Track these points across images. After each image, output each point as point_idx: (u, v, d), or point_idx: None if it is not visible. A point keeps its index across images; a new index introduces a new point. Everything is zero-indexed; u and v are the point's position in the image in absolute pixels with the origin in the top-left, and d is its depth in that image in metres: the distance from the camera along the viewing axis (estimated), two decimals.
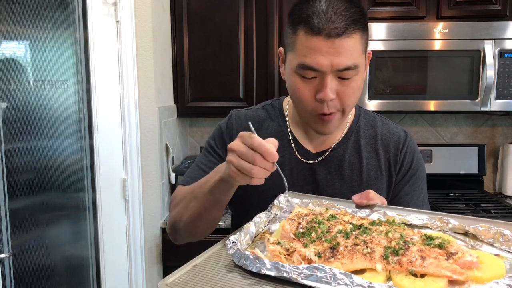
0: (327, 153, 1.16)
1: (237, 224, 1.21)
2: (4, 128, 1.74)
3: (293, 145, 1.17)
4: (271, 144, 0.86)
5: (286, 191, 1.00)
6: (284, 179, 0.98)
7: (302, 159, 1.16)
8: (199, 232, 1.13)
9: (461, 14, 2.39)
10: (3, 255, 1.69)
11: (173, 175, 2.48)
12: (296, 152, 1.16)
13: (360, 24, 0.98)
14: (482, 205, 2.42)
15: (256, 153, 0.85)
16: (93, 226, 2.24)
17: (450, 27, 2.30)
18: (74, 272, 2.26)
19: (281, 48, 1.11)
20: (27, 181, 1.92)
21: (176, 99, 2.59)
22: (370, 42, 2.28)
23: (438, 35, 2.31)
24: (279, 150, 1.16)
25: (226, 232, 0.93)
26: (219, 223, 2.22)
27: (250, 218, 0.92)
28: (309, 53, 0.97)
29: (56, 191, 2.11)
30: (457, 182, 2.75)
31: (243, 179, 0.88)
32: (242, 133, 0.88)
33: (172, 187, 2.52)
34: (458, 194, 2.65)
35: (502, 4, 2.36)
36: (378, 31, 2.32)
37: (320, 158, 1.15)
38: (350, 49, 0.96)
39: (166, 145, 2.43)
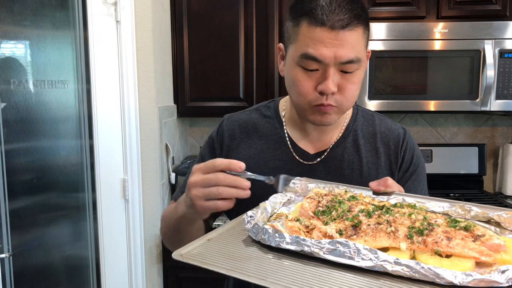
0: (325, 153, 1.14)
1: None
2: (4, 128, 1.74)
3: (290, 146, 1.15)
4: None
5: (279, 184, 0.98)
6: (263, 179, 0.96)
7: (301, 160, 1.14)
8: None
9: (461, 14, 2.39)
10: (3, 255, 1.69)
11: (173, 175, 2.48)
12: (294, 154, 1.15)
13: (363, 19, 0.98)
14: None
15: (217, 172, 0.87)
16: (93, 226, 2.24)
17: (450, 27, 2.30)
18: (74, 272, 2.26)
19: (281, 44, 1.10)
20: (27, 181, 1.92)
21: (176, 99, 2.58)
22: (370, 42, 2.29)
23: (438, 35, 2.31)
24: (276, 153, 1.15)
25: None
26: (215, 223, 2.22)
27: None
28: (312, 44, 0.96)
29: (56, 191, 2.11)
30: (457, 182, 2.75)
31: (210, 207, 0.89)
32: (196, 166, 0.90)
33: (172, 187, 2.52)
34: (458, 194, 2.65)
35: (502, 4, 2.36)
36: (378, 31, 2.32)
37: (318, 159, 1.14)
38: (353, 42, 0.96)
39: (166, 145, 2.43)
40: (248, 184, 0.89)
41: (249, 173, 0.89)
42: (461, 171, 2.73)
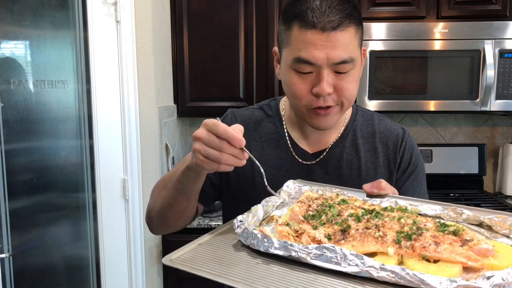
0: (324, 153, 1.15)
1: (227, 219, 1.21)
2: (4, 128, 1.74)
3: (289, 145, 1.16)
4: (237, 130, 0.86)
5: (264, 178, 0.96)
6: (259, 165, 0.95)
7: (300, 160, 1.15)
8: (170, 222, 1.13)
9: (461, 14, 2.39)
10: (3, 255, 1.69)
11: None
12: (293, 153, 1.15)
13: (354, 18, 0.97)
14: (482, 205, 2.42)
15: (222, 140, 0.84)
16: (93, 226, 2.24)
17: (450, 27, 2.30)
18: (74, 272, 2.26)
19: (276, 48, 1.10)
20: (27, 181, 1.92)
21: (176, 99, 2.59)
22: (370, 42, 2.30)
23: (438, 35, 2.31)
24: (276, 151, 1.16)
25: None
26: (214, 223, 2.22)
27: (241, 213, 0.91)
28: (304, 47, 0.96)
29: (56, 191, 2.11)
30: (457, 182, 2.75)
31: (210, 166, 0.87)
32: (206, 121, 0.87)
33: None
34: (458, 194, 2.65)
35: (502, 4, 2.36)
36: (378, 31, 2.32)
37: (317, 159, 1.14)
38: (345, 42, 0.96)
39: (166, 145, 2.43)
40: (246, 156, 0.88)
41: (247, 152, 0.88)
42: (461, 171, 2.73)
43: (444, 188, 2.71)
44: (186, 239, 2.29)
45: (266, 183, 0.96)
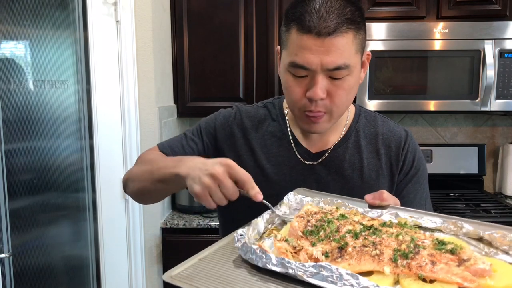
0: (326, 154, 1.15)
1: (224, 232, 1.20)
2: (4, 128, 1.74)
3: (292, 144, 1.16)
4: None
5: (272, 208, 0.95)
6: (268, 204, 0.94)
7: (302, 159, 1.15)
8: (143, 200, 1.19)
9: (461, 14, 2.39)
10: (3, 255, 1.69)
11: None
12: (296, 152, 1.15)
13: (355, 23, 0.96)
14: (482, 205, 2.42)
15: (235, 188, 0.87)
16: (93, 226, 2.24)
17: (450, 27, 2.30)
18: (74, 272, 2.26)
19: (279, 47, 1.11)
20: (27, 181, 1.92)
21: (176, 99, 2.58)
22: (370, 42, 2.30)
23: (438, 35, 2.31)
24: (279, 150, 1.16)
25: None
26: (214, 223, 2.21)
27: (238, 228, 0.91)
28: (299, 52, 0.96)
29: (56, 191, 2.11)
30: (457, 182, 2.75)
31: (204, 200, 0.87)
32: (228, 161, 0.88)
33: None
34: (458, 194, 2.65)
35: (502, 4, 2.36)
36: (378, 31, 2.32)
37: (320, 159, 1.14)
38: (341, 49, 0.95)
39: None
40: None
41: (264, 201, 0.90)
42: (461, 171, 2.73)
43: (444, 188, 2.72)
44: (185, 239, 2.32)
45: (273, 208, 0.95)
